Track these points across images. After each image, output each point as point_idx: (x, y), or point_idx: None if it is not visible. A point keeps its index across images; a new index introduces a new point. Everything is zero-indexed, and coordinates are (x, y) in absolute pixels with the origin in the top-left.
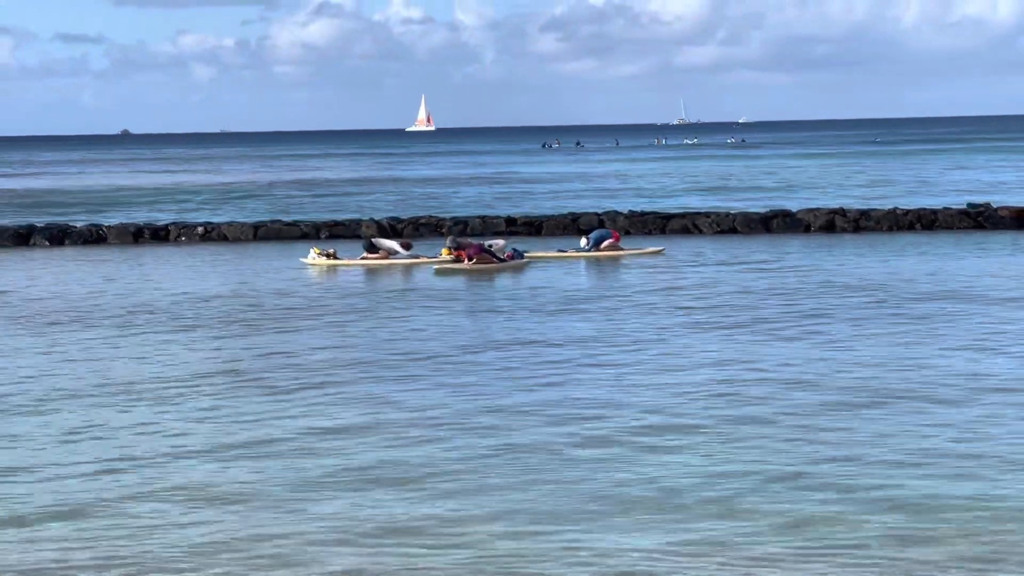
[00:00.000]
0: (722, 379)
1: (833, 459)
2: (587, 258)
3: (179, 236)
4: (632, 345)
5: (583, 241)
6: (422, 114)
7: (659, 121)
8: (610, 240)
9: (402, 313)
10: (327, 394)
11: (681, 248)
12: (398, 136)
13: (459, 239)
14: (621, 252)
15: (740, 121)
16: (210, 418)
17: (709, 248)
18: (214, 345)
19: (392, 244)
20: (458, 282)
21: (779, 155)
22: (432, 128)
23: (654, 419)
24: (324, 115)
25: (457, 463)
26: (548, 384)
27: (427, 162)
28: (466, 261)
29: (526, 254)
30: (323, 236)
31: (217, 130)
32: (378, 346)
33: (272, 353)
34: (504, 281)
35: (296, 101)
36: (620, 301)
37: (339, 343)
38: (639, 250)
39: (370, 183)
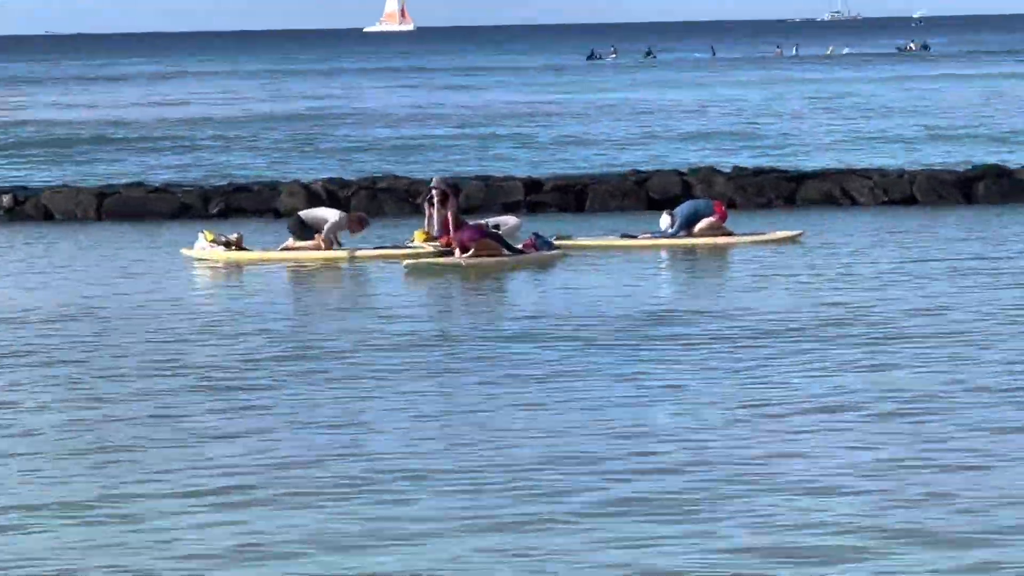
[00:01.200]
0: None
1: None
2: (671, 248)
3: None
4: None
5: (665, 220)
6: (392, 4)
7: (797, 16)
8: (711, 218)
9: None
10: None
11: (830, 229)
12: (352, 40)
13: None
14: (729, 239)
15: (916, 16)
16: None
17: (872, 228)
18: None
19: (333, 217)
20: (442, 292)
21: (979, 72)
22: (410, 27)
23: None
24: (207, 8)
25: None
26: None
27: (392, 84)
28: (459, 253)
29: (558, 240)
30: (214, 211)
31: (40, 31)
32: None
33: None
34: (520, 288)
35: None
36: (744, 335)
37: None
38: (759, 235)
39: (294, 120)
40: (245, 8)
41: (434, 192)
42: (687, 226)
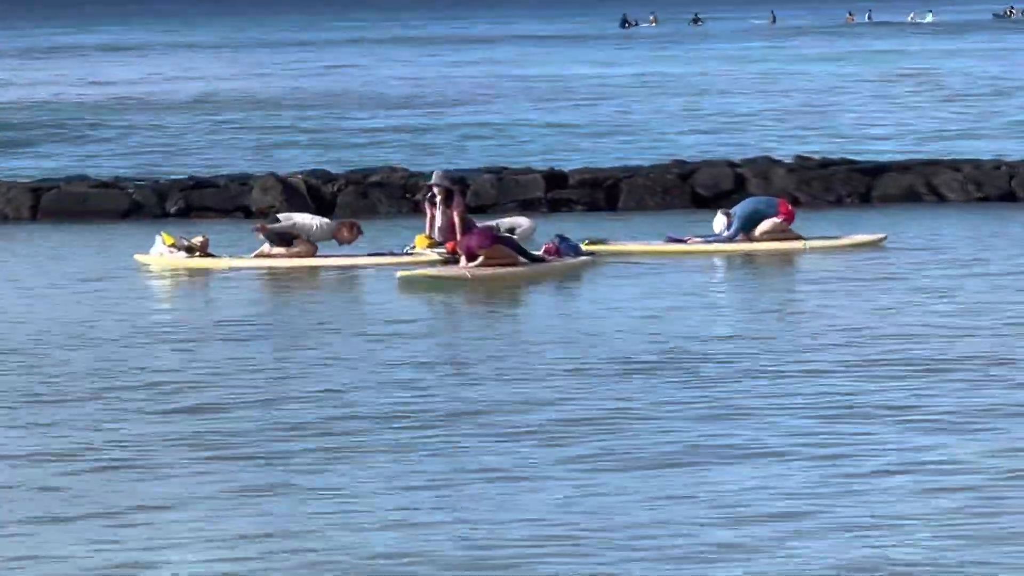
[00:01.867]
0: None
1: None
2: (728, 255)
3: None
4: None
5: (720, 221)
6: None
7: None
8: (775, 219)
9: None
10: None
11: (918, 231)
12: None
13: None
14: (797, 243)
15: None
16: None
17: (969, 230)
18: None
19: (316, 225)
20: (443, 309)
21: None
22: None
23: None
24: None
25: None
26: None
27: (385, 55)
28: (464, 261)
29: (588, 246)
30: (172, 209)
31: None
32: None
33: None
34: (539, 306)
35: None
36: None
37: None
38: (835, 240)
39: (268, 107)
40: None
41: (435, 190)
42: (746, 229)
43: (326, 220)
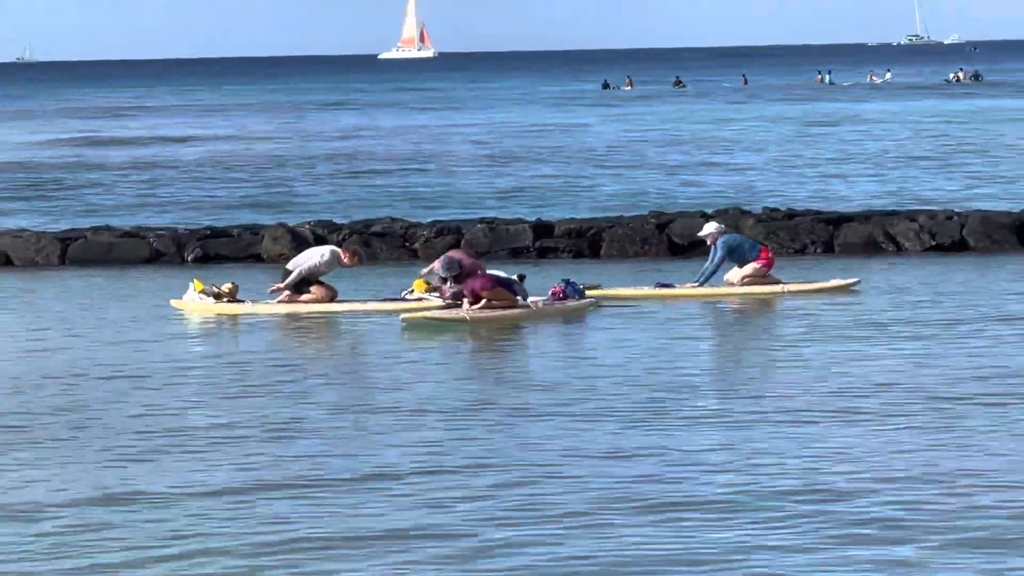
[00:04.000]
0: None
1: None
2: (712, 299)
3: None
4: None
5: (711, 226)
6: (410, 29)
7: (871, 40)
8: (756, 264)
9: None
10: None
11: (880, 278)
12: (366, 67)
13: (453, 261)
14: (775, 288)
15: (906, 40)
16: None
17: (921, 276)
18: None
19: (319, 262)
20: (446, 353)
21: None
22: (431, 53)
23: None
24: (198, 33)
25: None
26: None
27: (403, 111)
28: (467, 304)
29: (589, 291)
30: (190, 257)
31: (11, 58)
32: None
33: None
34: (542, 348)
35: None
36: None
37: None
38: (811, 284)
39: (284, 164)
40: (246, 35)
41: (433, 279)
42: (730, 256)
43: (327, 250)
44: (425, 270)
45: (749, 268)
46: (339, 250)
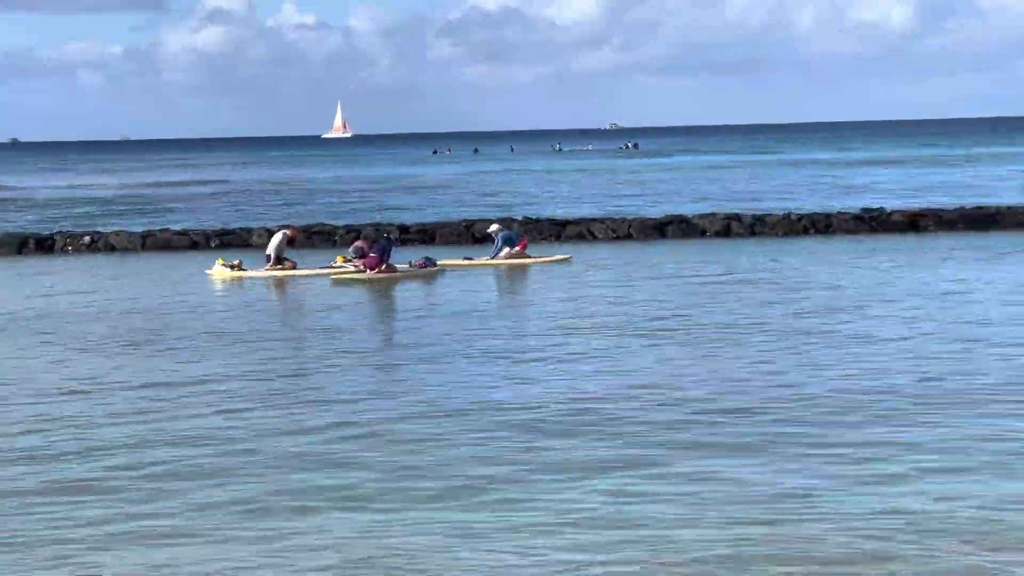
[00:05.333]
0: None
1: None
2: (495, 266)
3: (65, 246)
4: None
5: (495, 227)
6: (338, 121)
7: (589, 126)
8: (518, 248)
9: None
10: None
11: (583, 255)
12: (311, 143)
13: (357, 248)
14: (526, 260)
15: (609, 127)
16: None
17: (608, 254)
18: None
19: (278, 243)
20: (360, 293)
21: (683, 162)
22: (349, 134)
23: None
24: (219, 122)
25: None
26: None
27: (323, 166)
28: (368, 272)
29: (439, 262)
30: (213, 244)
31: (116, 137)
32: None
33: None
34: (415, 295)
35: (191, 108)
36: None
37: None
38: (547, 257)
39: (264, 191)
40: (217, 119)
41: (353, 259)
42: (504, 244)
43: (279, 234)
44: (345, 252)
45: (516, 250)
46: (287, 231)
